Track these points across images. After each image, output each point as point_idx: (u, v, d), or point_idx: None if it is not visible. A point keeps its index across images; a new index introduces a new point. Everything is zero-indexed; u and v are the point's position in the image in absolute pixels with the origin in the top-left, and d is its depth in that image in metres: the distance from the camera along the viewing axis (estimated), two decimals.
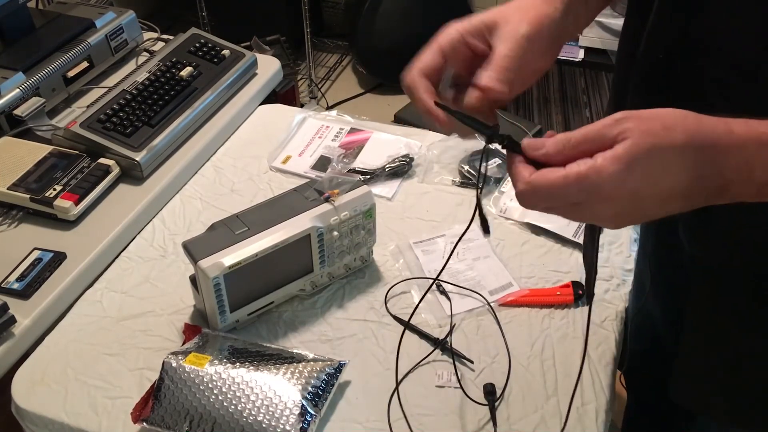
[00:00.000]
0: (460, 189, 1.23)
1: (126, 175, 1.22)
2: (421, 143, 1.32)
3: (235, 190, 1.25)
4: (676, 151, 0.52)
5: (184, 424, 0.83)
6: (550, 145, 0.55)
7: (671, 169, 0.53)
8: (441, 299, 1.04)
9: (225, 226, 0.97)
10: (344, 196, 1.00)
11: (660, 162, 0.52)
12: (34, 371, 0.95)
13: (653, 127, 0.52)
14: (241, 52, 1.47)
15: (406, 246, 1.12)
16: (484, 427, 0.88)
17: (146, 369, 0.95)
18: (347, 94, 3.06)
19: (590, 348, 0.97)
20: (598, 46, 2.31)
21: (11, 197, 1.14)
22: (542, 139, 0.56)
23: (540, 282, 1.06)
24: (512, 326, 1.00)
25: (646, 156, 0.52)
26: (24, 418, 0.92)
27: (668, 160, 0.52)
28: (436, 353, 0.96)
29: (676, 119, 0.53)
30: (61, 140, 1.24)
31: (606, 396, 0.91)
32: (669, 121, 0.53)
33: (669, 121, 0.53)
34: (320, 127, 1.38)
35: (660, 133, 0.52)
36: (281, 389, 0.84)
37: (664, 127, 0.52)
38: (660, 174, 0.52)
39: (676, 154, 0.52)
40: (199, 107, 1.33)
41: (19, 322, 0.98)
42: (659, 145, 0.52)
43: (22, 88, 1.28)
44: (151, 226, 1.18)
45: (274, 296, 1.01)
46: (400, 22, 2.92)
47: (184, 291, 1.04)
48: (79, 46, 1.40)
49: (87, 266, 1.08)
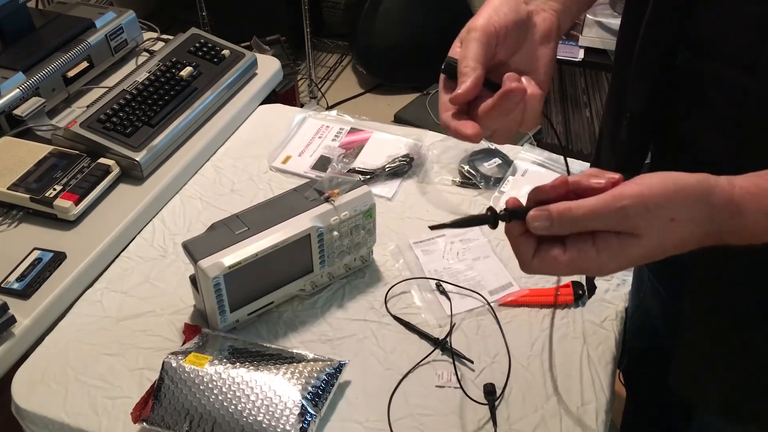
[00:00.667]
0: (460, 189, 1.23)
1: (126, 175, 1.22)
2: (421, 143, 1.32)
3: (235, 190, 1.25)
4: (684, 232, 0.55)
5: (184, 424, 0.83)
6: (555, 225, 0.56)
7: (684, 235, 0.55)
8: (441, 299, 1.04)
9: (225, 226, 0.97)
10: (344, 196, 1.00)
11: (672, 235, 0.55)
12: (34, 371, 0.95)
13: (662, 216, 0.54)
14: (241, 52, 1.47)
15: (406, 246, 1.12)
16: (484, 427, 0.88)
17: (146, 369, 0.95)
18: (347, 94, 3.06)
19: (590, 348, 0.97)
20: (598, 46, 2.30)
21: (11, 197, 1.14)
22: (546, 214, 0.56)
23: (540, 282, 1.06)
24: (512, 326, 1.00)
25: (643, 250, 0.55)
26: (24, 418, 0.92)
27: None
28: (436, 353, 0.96)
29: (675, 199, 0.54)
30: (61, 140, 1.24)
31: (606, 396, 0.91)
32: (675, 206, 0.54)
33: (675, 206, 0.54)
34: (320, 127, 1.38)
35: (664, 230, 0.54)
36: (281, 389, 0.84)
37: (671, 219, 0.54)
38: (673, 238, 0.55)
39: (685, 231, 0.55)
40: (199, 107, 1.33)
41: (19, 322, 0.98)
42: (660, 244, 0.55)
43: (22, 88, 1.28)
44: (151, 226, 1.18)
45: (274, 296, 1.01)
46: (400, 22, 2.92)
47: (184, 291, 1.04)
48: (79, 46, 1.40)
49: (87, 266, 1.08)
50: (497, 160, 1.26)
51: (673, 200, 0.54)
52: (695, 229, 0.55)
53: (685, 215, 0.54)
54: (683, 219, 0.54)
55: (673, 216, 0.54)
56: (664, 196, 0.54)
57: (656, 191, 0.53)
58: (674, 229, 0.54)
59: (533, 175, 1.23)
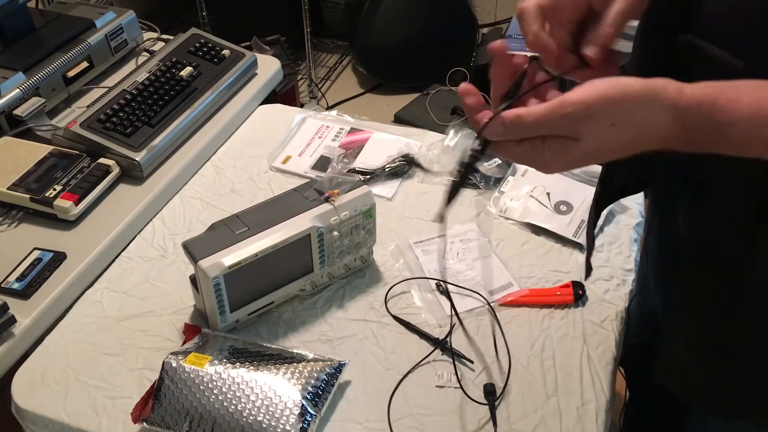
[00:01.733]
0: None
1: (126, 175, 1.22)
2: (421, 143, 1.32)
3: (235, 190, 1.25)
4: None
5: (184, 424, 0.83)
6: (508, 131, 0.59)
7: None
8: (441, 299, 1.04)
9: (225, 226, 0.97)
10: (344, 196, 1.00)
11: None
12: (34, 371, 0.95)
13: (602, 122, 0.56)
14: (241, 52, 1.47)
15: (406, 246, 1.12)
16: (484, 427, 0.88)
17: (146, 369, 0.95)
18: (347, 94, 3.06)
19: (590, 348, 0.97)
20: None
21: (11, 197, 1.14)
22: (499, 122, 0.59)
23: (540, 282, 1.06)
24: (512, 326, 1.00)
25: (582, 152, 0.58)
26: (24, 418, 0.92)
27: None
28: (436, 353, 0.96)
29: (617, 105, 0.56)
30: (61, 140, 1.24)
31: (606, 396, 0.91)
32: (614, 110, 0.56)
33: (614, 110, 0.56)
34: (320, 127, 1.38)
35: (605, 134, 0.57)
36: (281, 389, 0.84)
37: (612, 125, 0.56)
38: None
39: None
40: (199, 107, 1.33)
41: (19, 322, 0.98)
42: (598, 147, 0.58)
43: (22, 88, 1.28)
44: (151, 226, 1.18)
45: (274, 296, 1.01)
46: (400, 22, 2.92)
47: (184, 291, 1.04)
48: (79, 46, 1.40)
49: (87, 266, 1.08)
50: (497, 160, 1.26)
51: (614, 106, 0.55)
52: (636, 133, 0.57)
53: (627, 121, 0.56)
54: (624, 124, 0.56)
55: (614, 121, 0.56)
56: (606, 101, 0.55)
57: (599, 97, 0.55)
58: (615, 134, 0.56)
59: (533, 175, 1.23)
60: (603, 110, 0.56)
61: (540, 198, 1.19)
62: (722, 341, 0.79)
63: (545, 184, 1.21)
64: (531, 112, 0.57)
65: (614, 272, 1.07)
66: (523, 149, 0.59)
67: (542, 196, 1.19)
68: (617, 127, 0.56)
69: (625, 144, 0.57)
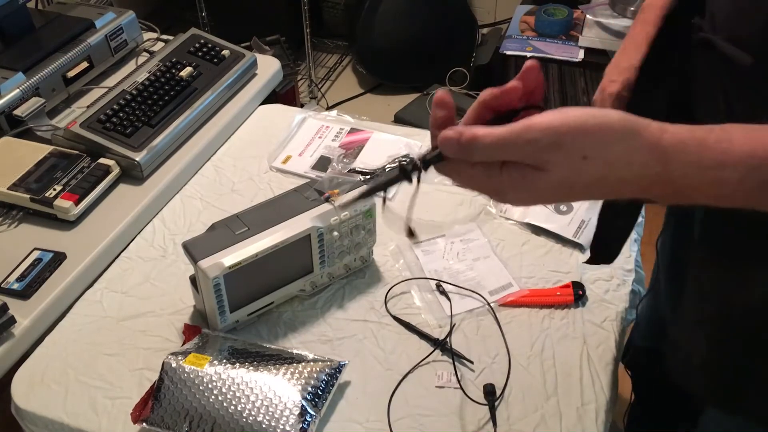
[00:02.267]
0: (460, 189, 1.23)
1: (126, 175, 1.22)
2: (421, 143, 1.32)
3: (235, 190, 1.25)
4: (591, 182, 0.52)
5: (183, 424, 0.83)
6: (464, 150, 0.53)
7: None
8: (441, 299, 1.04)
9: (225, 226, 0.97)
10: (344, 196, 1.00)
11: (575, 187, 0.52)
12: (33, 372, 0.95)
13: (572, 153, 0.50)
14: (241, 52, 1.47)
15: (406, 246, 1.12)
16: (484, 427, 0.88)
17: (146, 369, 0.95)
18: (347, 94, 3.05)
19: (590, 348, 0.97)
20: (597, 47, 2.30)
21: (11, 197, 1.14)
22: (455, 138, 0.53)
23: (540, 282, 1.06)
24: (512, 326, 1.00)
25: (548, 188, 0.52)
26: (24, 419, 0.92)
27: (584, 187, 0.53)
28: (436, 353, 0.96)
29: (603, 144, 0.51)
30: (61, 140, 1.24)
31: (606, 396, 0.91)
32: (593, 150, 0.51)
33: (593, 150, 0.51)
34: (320, 127, 1.38)
35: (574, 169, 0.51)
36: (281, 390, 0.84)
37: (583, 158, 0.51)
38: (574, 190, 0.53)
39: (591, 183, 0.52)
40: (199, 107, 1.33)
41: (19, 322, 0.98)
42: (567, 183, 0.52)
43: (22, 89, 1.28)
44: (151, 226, 1.18)
45: (274, 296, 1.01)
46: (400, 22, 2.92)
47: (184, 291, 1.04)
48: (79, 47, 1.40)
49: (87, 266, 1.08)
50: None
51: (588, 137, 0.50)
52: (609, 172, 0.51)
53: (600, 154, 0.50)
54: (596, 158, 0.50)
55: (586, 153, 0.50)
56: (579, 131, 0.50)
57: (572, 125, 0.50)
58: (585, 168, 0.50)
59: None
60: (575, 140, 0.50)
61: None
62: (734, 336, 0.79)
63: None
64: (491, 133, 0.51)
65: (614, 272, 1.07)
66: (476, 172, 0.54)
67: None
68: (588, 161, 0.50)
69: (594, 181, 0.51)
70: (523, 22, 2.57)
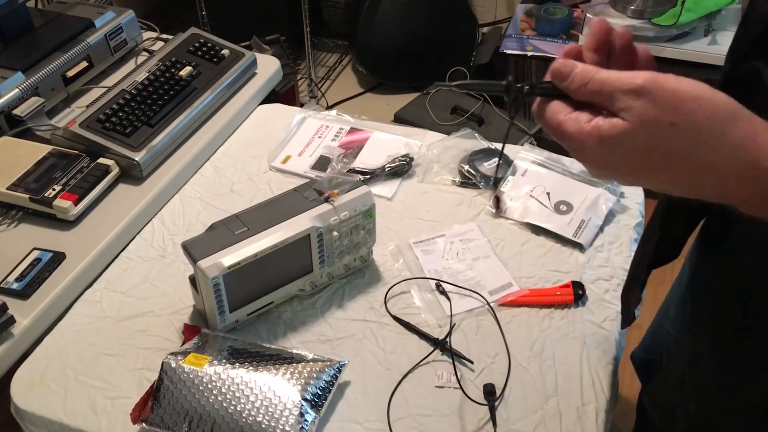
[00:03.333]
0: (460, 189, 1.23)
1: (125, 175, 1.22)
2: (421, 143, 1.32)
3: (234, 190, 1.25)
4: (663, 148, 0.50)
5: (183, 424, 0.82)
6: (577, 79, 0.53)
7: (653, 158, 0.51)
8: (441, 299, 1.04)
9: (225, 226, 0.96)
10: (344, 196, 1.00)
11: (641, 151, 0.51)
12: (33, 372, 0.95)
13: (660, 119, 0.49)
14: (241, 51, 1.47)
15: (406, 246, 1.12)
16: (484, 427, 0.88)
17: (146, 369, 0.95)
18: (347, 94, 3.05)
19: (590, 348, 0.97)
20: None
21: (11, 197, 1.14)
22: (570, 63, 0.53)
23: (540, 282, 1.06)
24: (512, 326, 1.00)
25: (627, 149, 0.51)
26: (23, 419, 0.92)
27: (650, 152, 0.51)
28: (436, 353, 0.96)
29: (696, 111, 0.48)
30: (61, 140, 1.24)
31: (606, 396, 0.91)
32: (683, 114, 0.48)
33: (683, 114, 0.48)
34: (320, 126, 1.38)
35: (659, 131, 0.49)
36: (281, 390, 0.84)
37: (672, 123, 0.48)
38: (639, 160, 0.51)
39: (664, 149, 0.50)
40: (198, 107, 1.33)
41: (19, 322, 0.98)
42: (647, 145, 0.50)
43: (21, 88, 1.28)
44: (150, 226, 1.17)
45: (274, 296, 1.00)
46: (400, 22, 2.92)
47: (183, 291, 1.04)
48: (79, 46, 1.39)
49: (86, 266, 1.08)
50: (496, 159, 1.26)
51: (685, 104, 0.48)
52: (691, 148, 0.48)
53: (690, 126, 0.48)
54: (685, 128, 0.48)
55: (675, 120, 0.48)
56: (678, 95, 0.48)
57: (680, 89, 0.48)
58: (669, 137, 0.48)
59: (533, 175, 1.23)
60: (677, 104, 0.48)
61: (540, 198, 1.18)
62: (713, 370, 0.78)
63: (545, 184, 1.21)
64: (606, 71, 0.52)
65: (614, 272, 1.07)
66: (571, 117, 0.53)
67: (542, 196, 1.19)
68: (677, 128, 0.48)
69: (675, 154, 0.49)
70: (524, 22, 2.57)
